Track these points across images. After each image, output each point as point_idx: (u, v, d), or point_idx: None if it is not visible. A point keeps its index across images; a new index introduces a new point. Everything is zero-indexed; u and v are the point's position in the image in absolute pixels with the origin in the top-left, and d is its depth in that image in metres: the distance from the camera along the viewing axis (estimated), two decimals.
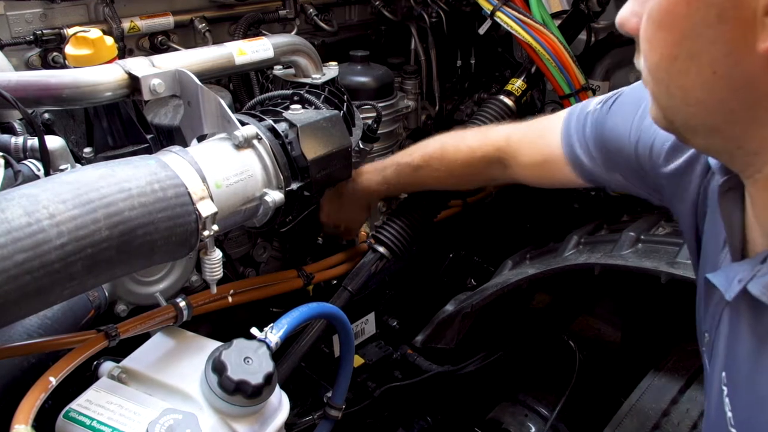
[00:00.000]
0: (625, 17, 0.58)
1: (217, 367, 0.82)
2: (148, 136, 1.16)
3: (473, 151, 1.23)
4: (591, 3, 1.71)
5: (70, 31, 1.32)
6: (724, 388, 0.64)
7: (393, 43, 2.02)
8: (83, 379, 0.94)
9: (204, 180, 0.87)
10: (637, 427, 1.23)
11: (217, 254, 0.94)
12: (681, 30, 0.51)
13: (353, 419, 1.55)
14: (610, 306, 2.11)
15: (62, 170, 0.97)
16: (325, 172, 1.10)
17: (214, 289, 1.02)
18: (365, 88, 1.64)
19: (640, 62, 0.58)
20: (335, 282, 1.51)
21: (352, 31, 1.96)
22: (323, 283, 1.52)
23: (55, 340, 0.93)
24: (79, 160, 1.10)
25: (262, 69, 1.48)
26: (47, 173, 0.96)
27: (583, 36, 1.80)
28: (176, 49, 1.46)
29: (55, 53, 1.38)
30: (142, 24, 1.50)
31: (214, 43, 1.52)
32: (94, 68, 1.00)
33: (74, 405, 0.84)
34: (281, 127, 1.06)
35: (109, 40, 1.10)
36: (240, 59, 1.18)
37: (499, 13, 1.56)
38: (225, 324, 1.32)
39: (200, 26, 1.59)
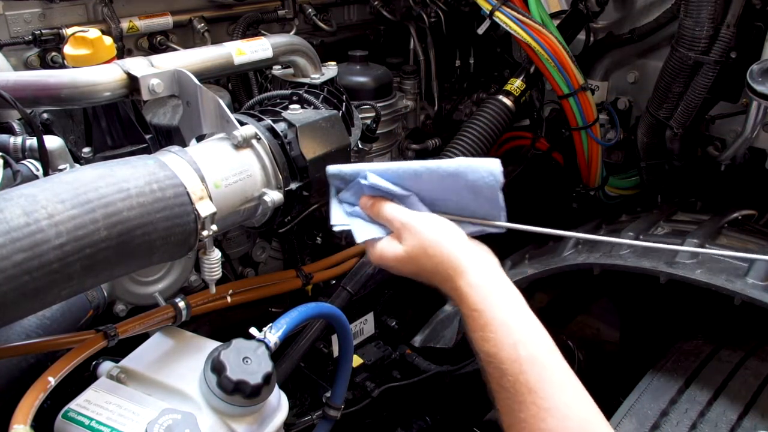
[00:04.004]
0: None
1: (216, 367, 0.82)
2: (147, 136, 1.16)
3: None
4: (590, 3, 1.72)
5: (68, 31, 1.32)
6: None
7: (392, 43, 2.02)
8: (82, 379, 0.94)
9: (203, 180, 0.87)
10: (636, 427, 1.22)
11: (216, 254, 0.94)
12: None
13: (352, 419, 1.55)
14: (609, 306, 2.11)
15: (61, 170, 0.97)
16: (323, 172, 1.10)
17: (213, 289, 1.02)
18: (364, 88, 1.64)
19: None
20: (334, 282, 1.51)
21: (350, 31, 1.96)
22: (322, 283, 1.52)
23: (53, 340, 0.93)
24: (78, 160, 1.10)
25: (260, 69, 1.48)
26: (46, 173, 0.96)
27: (582, 36, 1.80)
28: (175, 49, 1.46)
29: (53, 53, 1.39)
30: (141, 24, 1.50)
31: (213, 43, 1.52)
32: (92, 68, 1.00)
33: (73, 405, 0.84)
34: (280, 127, 1.06)
35: (108, 40, 1.10)
36: (239, 59, 1.18)
37: (498, 13, 1.56)
38: (224, 324, 1.32)
39: (199, 26, 1.59)
